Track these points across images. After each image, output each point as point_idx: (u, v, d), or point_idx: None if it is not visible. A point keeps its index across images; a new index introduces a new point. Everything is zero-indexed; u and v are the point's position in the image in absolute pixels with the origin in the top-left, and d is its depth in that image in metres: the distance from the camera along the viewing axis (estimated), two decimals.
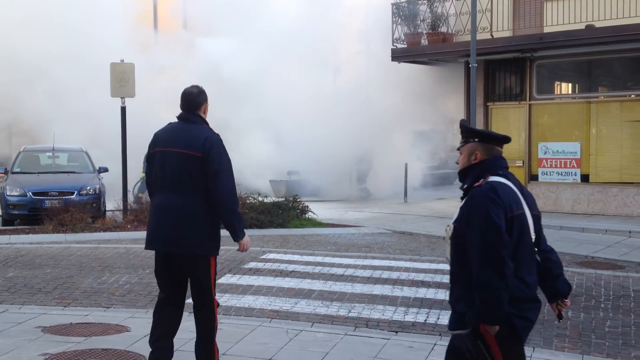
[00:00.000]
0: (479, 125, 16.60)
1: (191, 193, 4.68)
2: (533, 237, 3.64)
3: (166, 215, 4.73)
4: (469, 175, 3.73)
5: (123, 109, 14.10)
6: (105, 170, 15.45)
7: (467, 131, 3.83)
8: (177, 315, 4.93)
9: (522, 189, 3.71)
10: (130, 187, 15.10)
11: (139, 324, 6.33)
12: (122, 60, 14.05)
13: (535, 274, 3.63)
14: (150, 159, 4.89)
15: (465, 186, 3.72)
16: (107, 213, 14.77)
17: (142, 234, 12.20)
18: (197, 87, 4.95)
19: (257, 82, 20.56)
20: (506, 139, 3.79)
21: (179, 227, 4.67)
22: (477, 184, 3.63)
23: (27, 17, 20.70)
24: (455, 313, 3.61)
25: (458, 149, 3.84)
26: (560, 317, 3.79)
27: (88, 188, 14.31)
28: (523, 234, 3.55)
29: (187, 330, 5.34)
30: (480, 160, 3.70)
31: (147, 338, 5.82)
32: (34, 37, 20.43)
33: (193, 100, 4.84)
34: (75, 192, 14.03)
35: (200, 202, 4.69)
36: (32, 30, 20.59)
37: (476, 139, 3.76)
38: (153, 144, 4.89)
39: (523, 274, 3.51)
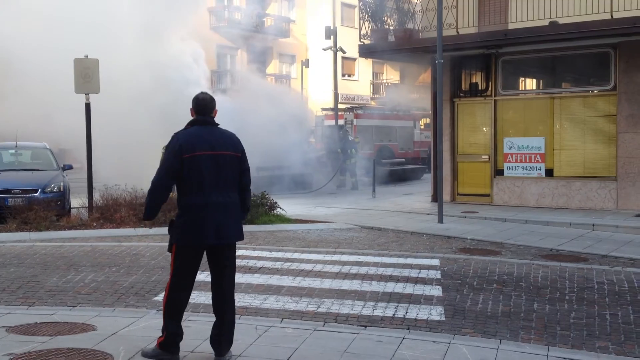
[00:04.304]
0: (446, 121, 16.74)
1: (234, 189, 5.43)
2: None
3: (224, 211, 5.34)
4: None
5: (87, 105, 13.88)
6: (70, 167, 15.23)
7: None
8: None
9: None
10: (95, 184, 14.89)
11: (106, 323, 6.25)
12: (87, 56, 13.83)
13: None
14: (189, 162, 5.19)
15: None
16: (72, 211, 14.57)
17: (108, 232, 12.24)
18: (207, 93, 5.51)
19: None
20: None
21: (232, 221, 5.42)
22: None
23: None
24: None
25: None
26: None
27: (52, 186, 14.08)
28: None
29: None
30: None
31: (114, 336, 5.80)
32: None
33: (207, 105, 5.43)
34: (39, 190, 13.81)
35: (237, 196, 5.48)
36: None
37: None
38: (190, 148, 5.20)
39: None
